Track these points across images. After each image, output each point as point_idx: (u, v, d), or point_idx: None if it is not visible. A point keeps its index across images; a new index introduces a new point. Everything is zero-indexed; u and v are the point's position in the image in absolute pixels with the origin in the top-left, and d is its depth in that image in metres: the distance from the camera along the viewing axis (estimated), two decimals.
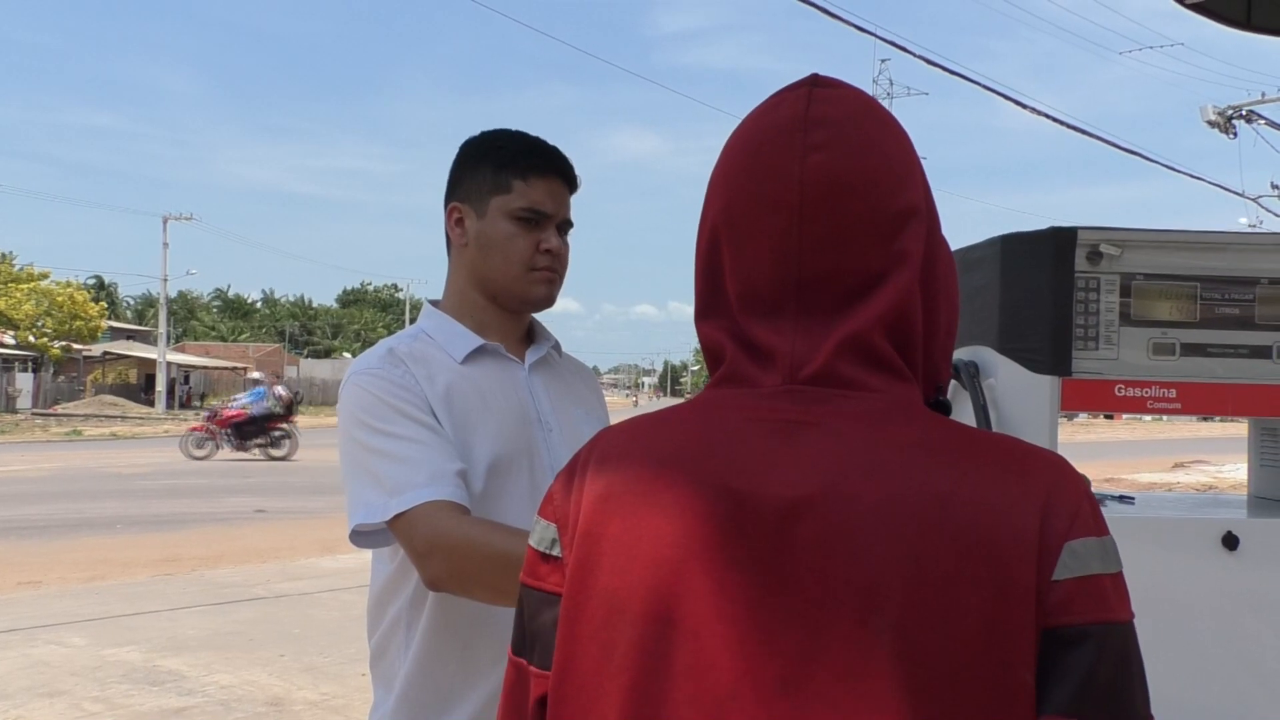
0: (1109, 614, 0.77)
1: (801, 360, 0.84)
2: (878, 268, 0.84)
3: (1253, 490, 2.66)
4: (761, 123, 0.88)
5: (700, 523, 0.81)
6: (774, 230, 0.85)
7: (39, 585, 8.59)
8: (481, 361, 1.70)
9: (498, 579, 1.44)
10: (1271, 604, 2.15)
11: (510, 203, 1.69)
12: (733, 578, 0.79)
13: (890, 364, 0.84)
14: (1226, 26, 4.69)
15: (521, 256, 1.69)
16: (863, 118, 0.86)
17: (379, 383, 1.61)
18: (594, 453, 0.90)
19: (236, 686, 5.71)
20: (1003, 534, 0.76)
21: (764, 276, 0.86)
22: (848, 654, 0.75)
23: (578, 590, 0.85)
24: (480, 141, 1.76)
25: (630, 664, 0.81)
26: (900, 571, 0.76)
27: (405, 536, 1.52)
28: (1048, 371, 2.24)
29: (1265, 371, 2.24)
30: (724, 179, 0.89)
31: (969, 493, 0.78)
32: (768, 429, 0.83)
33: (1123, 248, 2.24)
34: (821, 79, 0.89)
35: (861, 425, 0.82)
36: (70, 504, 13.96)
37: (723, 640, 0.78)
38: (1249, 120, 23.85)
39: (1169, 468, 22.07)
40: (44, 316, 43.32)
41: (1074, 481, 0.81)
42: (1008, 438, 0.86)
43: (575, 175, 1.76)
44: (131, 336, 59.57)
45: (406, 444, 1.55)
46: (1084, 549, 0.78)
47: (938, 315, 0.88)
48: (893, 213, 0.84)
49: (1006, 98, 16.75)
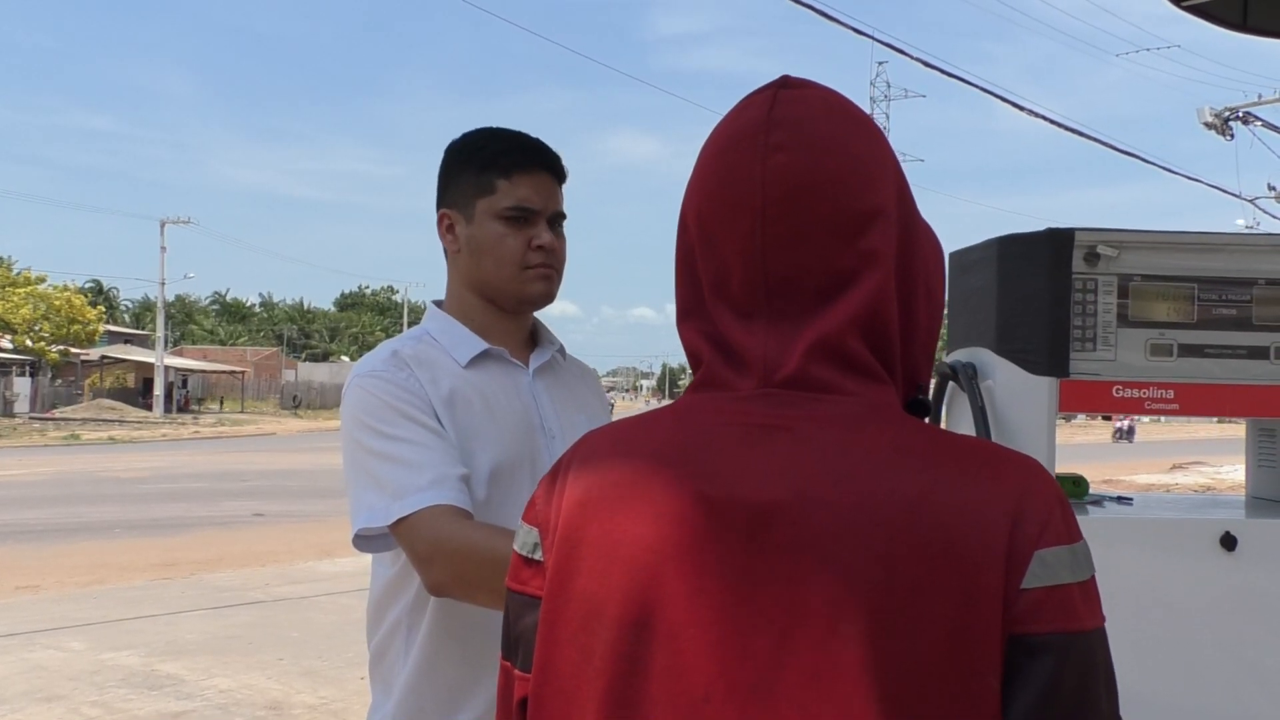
0: (1076, 624, 0.77)
1: (775, 363, 0.84)
2: (845, 267, 0.83)
3: (1251, 491, 2.66)
4: (729, 125, 0.88)
5: (675, 527, 0.81)
6: (739, 232, 0.84)
7: (37, 589, 8.59)
8: (485, 366, 1.68)
9: (501, 583, 1.43)
10: (1269, 604, 2.15)
11: (496, 203, 1.66)
12: (707, 582, 0.79)
13: (865, 367, 0.83)
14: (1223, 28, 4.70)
15: (514, 256, 1.66)
16: (827, 117, 0.85)
17: (382, 385, 1.59)
18: (575, 457, 0.90)
19: (235, 690, 5.71)
20: (972, 540, 0.76)
21: (735, 278, 0.85)
22: (816, 659, 0.75)
23: (556, 594, 0.85)
24: (461, 145, 1.73)
25: (608, 666, 0.81)
26: (869, 577, 0.75)
27: (408, 541, 1.51)
28: (1045, 373, 2.25)
29: (1263, 372, 2.24)
30: (696, 181, 0.89)
31: (940, 498, 0.77)
32: (741, 433, 0.83)
33: (1120, 249, 2.24)
34: (791, 80, 0.88)
35: (834, 429, 0.81)
36: (68, 508, 13.95)
37: (697, 644, 0.78)
38: (1246, 122, 23.85)
39: (1167, 469, 22.10)
40: (41, 320, 43.27)
41: (1046, 487, 0.80)
42: (982, 441, 0.85)
43: (562, 166, 1.72)
44: (129, 340, 59.52)
45: (409, 447, 1.54)
46: (1054, 558, 0.77)
47: (916, 315, 0.88)
48: (858, 212, 0.83)
49: (1004, 100, 16.75)
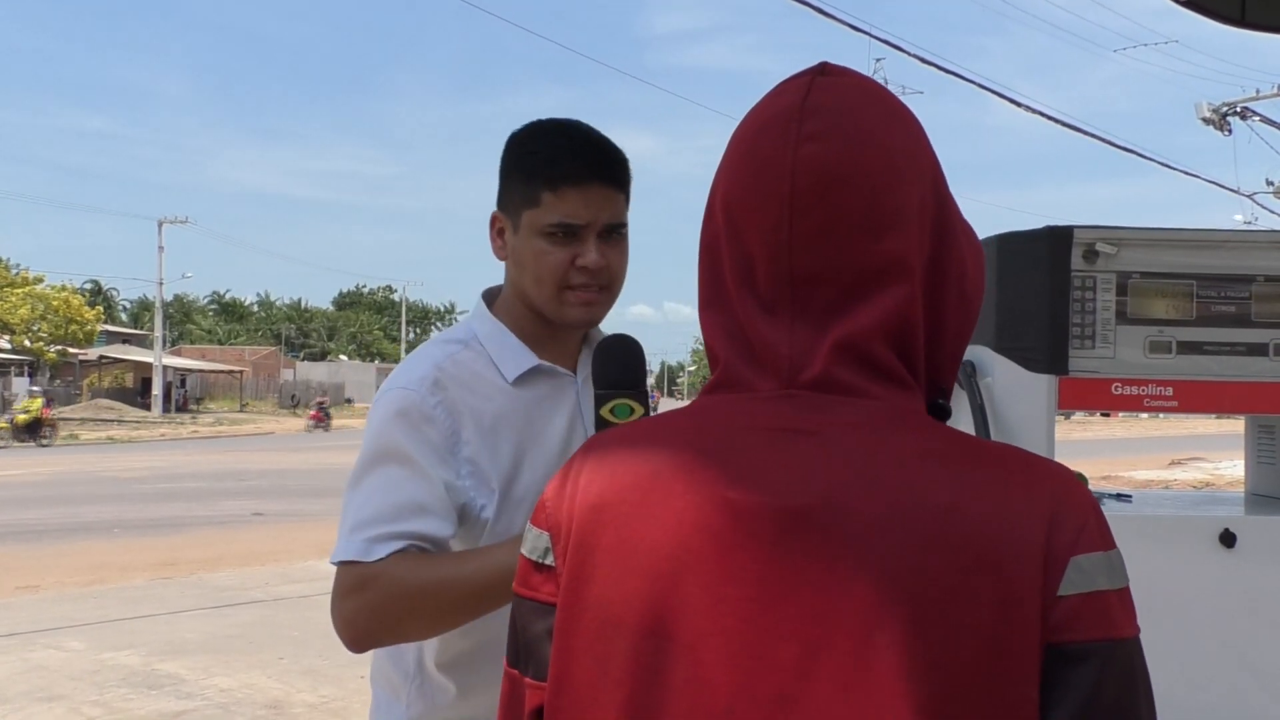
0: (1114, 631, 0.75)
1: (799, 363, 0.81)
2: (874, 266, 0.80)
3: (1250, 488, 2.67)
4: (763, 110, 0.85)
5: (696, 533, 0.78)
6: (767, 223, 0.81)
7: (37, 590, 8.59)
8: (533, 383, 1.59)
9: (429, 604, 1.42)
10: (1269, 601, 2.15)
11: (539, 218, 1.53)
12: (729, 591, 0.77)
13: (891, 371, 0.81)
14: (1220, 23, 4.69)
15: (554, 275, 1.53)
16: (864, 108, 0.82)
17: (408, 406, 1.51)
18: (587, 459, 0.87)
19: (235, 690, 5.71)
20: (1007, 547, 0.74)
21: (760, 270, 0.82)
22: (847, 670, 0.73)
23: (572, 602, 0.83)
24: (515, 145, 1.60)
25: (626, 677, 0.79)
26: (902, 586, 0.73)
27: (335, 580, 1.47)
28: (1045, 370, 2.25)
29: (1262, 369, 2.24)
30: (726, 167, 0.86)
31: (972, 505, 0.75)
32: (765, 437, 0.80)
33: (1119, 246, 2.24)
34: (830, 67, 0.85)
35: (861, 434, 0.78)
36: (67, 508, 13.94)
37: (719, 654, 0.76)
38: (1244, 117, 23.88)
39: (1166, 465, 22.08)
40: (39, 321, 43.25)
41: (1080, 493, 0.78)
42: (1012, 448, 0.82)
43: (620, 172, 1.57)
44: (127, 340, 59.49)
45: (377, 489, 1.48)
46: (1090, 564, 0.75)
47: (944, 317, 0.84)
48: (890, 209, 0.80)
49: (1001, 96, 16.78)
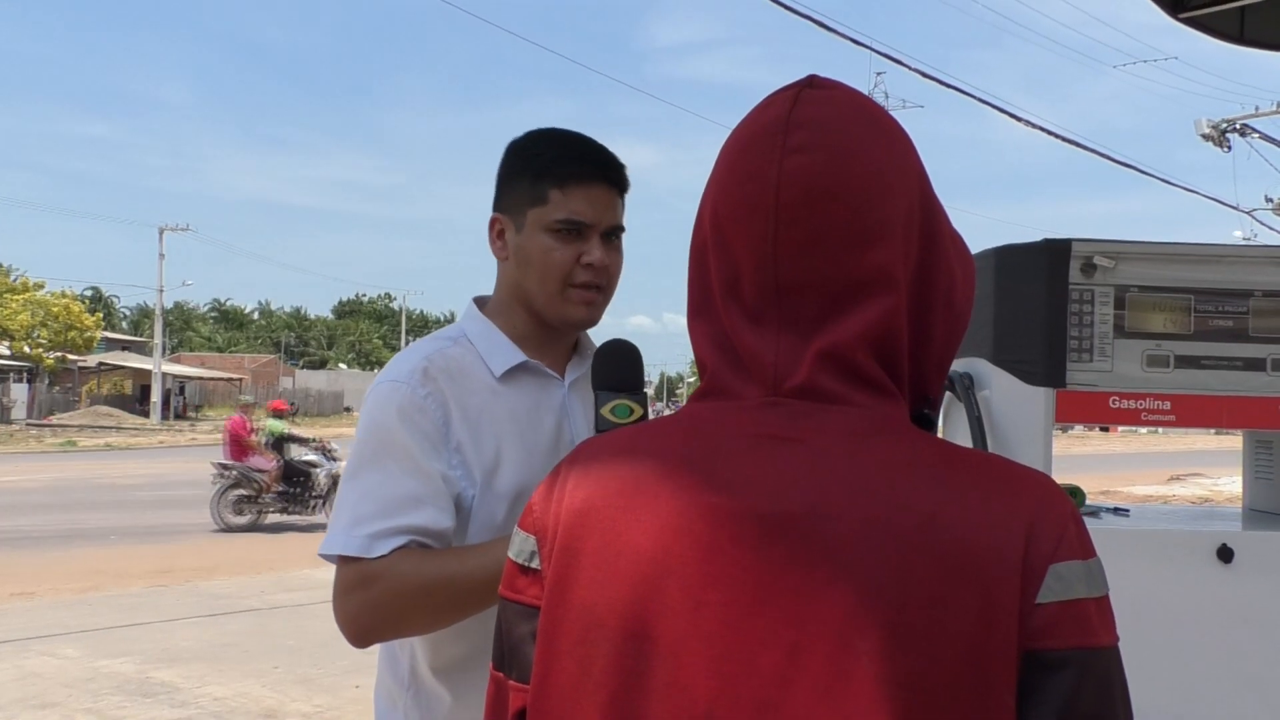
0: (1092, 639, 0.76)
1: (784, 372, 0.82)
2: (858, 278, 0.81)
3: (1247, 503, 2.67)
4: (751, 122, 0.86)
5: (680, 538, 0.79)
6: (753, 234, 0.82)
7: (32, 596, 8.56)
8: (520, 380, 1.62)
9: (428, 600, 1.45)
10: (1266, 616, 2.15)
11: (547, 215, 1.57)
12: (711, 596, 0.77)
13: (875, 380, 0.82)
14: (1220, 40, 4.72)
15: (560, 272, 1.57)
16: (850, 120, 0.83)
17: (399, 394, 1.54)
18: (575, 464, 0.88)
19: (230, 698, 5.68)
20: (987, 555, 0.75)
21: (746, 280, 0.83)
22: (827, 676, 0.73)
23: (556, 605, 0.83)
24: (518, 148, 1.65)
25: (608, 680, 0.79)
26: (884, 592, 0.74)
27: (336, 575, 1.49)
28: (1042, 383, 2.25)
29: (1259, 384, 2.25)
30: (715, 178, 0.87)
31: (954, 513, 0.76)
32: (749, 444, 0.81)
33: (1117, 260, 2.25)
34: (818, 80, 0.86)
35: (845, 442, 0.79)
36: (64, 515, 13.92)
37: (700, 659, 0.77)
38: (1243, 134, 23.93)
39: (1164, 480, 22.08)
40: (39, 327, 43.28)
41: (1061, 503, 0.79)
42: (994, 456, 0.83)
43: (622, 176, 1.63)
44: (127, 347, 59.47)
45: (374, 482, 1.50)
46: (1069, 572, 0.76)
47: (931, 328, 0.85)
48: (875, 221, 0.81)
49: (1001, 110, 16.80)
